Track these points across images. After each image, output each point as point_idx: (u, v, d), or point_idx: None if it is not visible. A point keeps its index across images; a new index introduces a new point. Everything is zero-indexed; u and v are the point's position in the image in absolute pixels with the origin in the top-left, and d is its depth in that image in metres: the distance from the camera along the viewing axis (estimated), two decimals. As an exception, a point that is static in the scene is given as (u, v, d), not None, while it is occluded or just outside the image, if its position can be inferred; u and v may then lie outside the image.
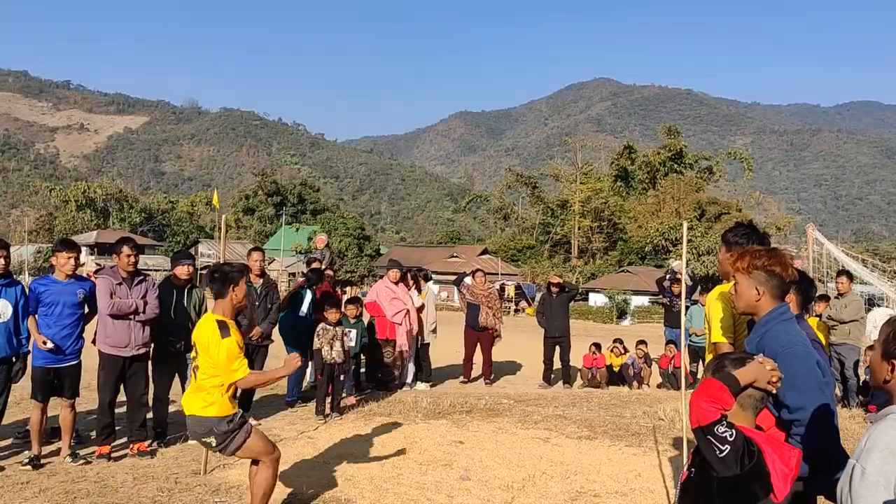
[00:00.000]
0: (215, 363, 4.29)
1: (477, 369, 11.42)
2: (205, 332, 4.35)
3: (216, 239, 73.61)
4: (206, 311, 6.83)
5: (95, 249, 63.45)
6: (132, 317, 5.98)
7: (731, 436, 2.22)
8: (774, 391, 2.46)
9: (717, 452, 2.22)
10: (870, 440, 1.98)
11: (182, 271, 6.67)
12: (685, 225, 6.28)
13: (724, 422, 2.24)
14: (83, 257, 6.51)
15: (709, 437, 2.23)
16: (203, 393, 4.33)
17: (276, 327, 8.33)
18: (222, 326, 4.31)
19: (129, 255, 6.04)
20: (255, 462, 4.55)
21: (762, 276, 2.89)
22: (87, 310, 6.05)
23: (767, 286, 2.87)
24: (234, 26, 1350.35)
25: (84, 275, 6.41)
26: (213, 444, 4.36)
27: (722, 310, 3.88)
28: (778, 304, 2.89)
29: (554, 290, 11.38)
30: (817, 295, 10.14)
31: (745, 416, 2.42)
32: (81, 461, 5.78)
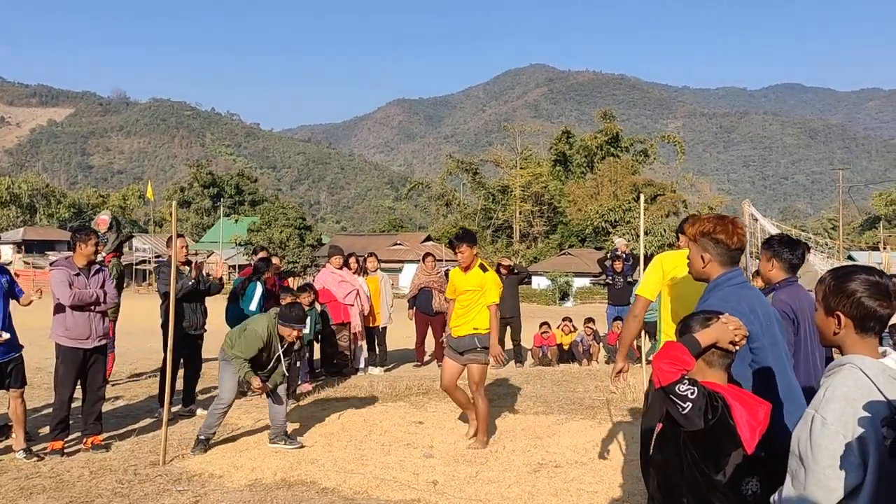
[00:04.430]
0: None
1: (429, 353, 11.49)
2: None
3: (150, 233, 71.53)
4: None
5: (23, 247, 60.91)
6: (93, 307, 5.82)
7: (692, 393, 2.32)
8: (736, 350, 2.56)
9: (681, 410, 2.33)
10: (829, 390, 2.02)
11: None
12: (642, 198, 6.47)
13: (686, 380, 2.34)
14: (8, 255, 6.18)
15: (671, 396, 2.34)
16: None
17: (224, 319, 8.16)
18: None
19: (95, 244, 5.91)
20: None
21: (708, 244, 2.98)
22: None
23: (713, 253, 2.96)
24: (160, 16, 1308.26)
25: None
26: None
27: (652, 270, 4.11)
28: (727, 270, 2.97)
29: (504, 272, 11.51)
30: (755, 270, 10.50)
31: (714, 374, 2.52)
32: (34, 457, 5.60)
